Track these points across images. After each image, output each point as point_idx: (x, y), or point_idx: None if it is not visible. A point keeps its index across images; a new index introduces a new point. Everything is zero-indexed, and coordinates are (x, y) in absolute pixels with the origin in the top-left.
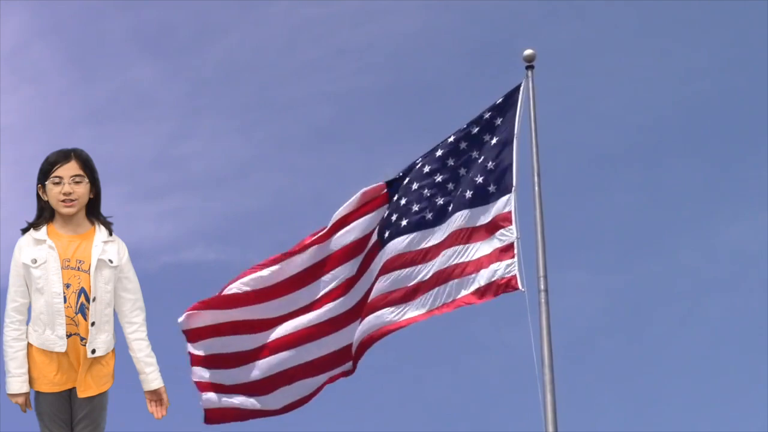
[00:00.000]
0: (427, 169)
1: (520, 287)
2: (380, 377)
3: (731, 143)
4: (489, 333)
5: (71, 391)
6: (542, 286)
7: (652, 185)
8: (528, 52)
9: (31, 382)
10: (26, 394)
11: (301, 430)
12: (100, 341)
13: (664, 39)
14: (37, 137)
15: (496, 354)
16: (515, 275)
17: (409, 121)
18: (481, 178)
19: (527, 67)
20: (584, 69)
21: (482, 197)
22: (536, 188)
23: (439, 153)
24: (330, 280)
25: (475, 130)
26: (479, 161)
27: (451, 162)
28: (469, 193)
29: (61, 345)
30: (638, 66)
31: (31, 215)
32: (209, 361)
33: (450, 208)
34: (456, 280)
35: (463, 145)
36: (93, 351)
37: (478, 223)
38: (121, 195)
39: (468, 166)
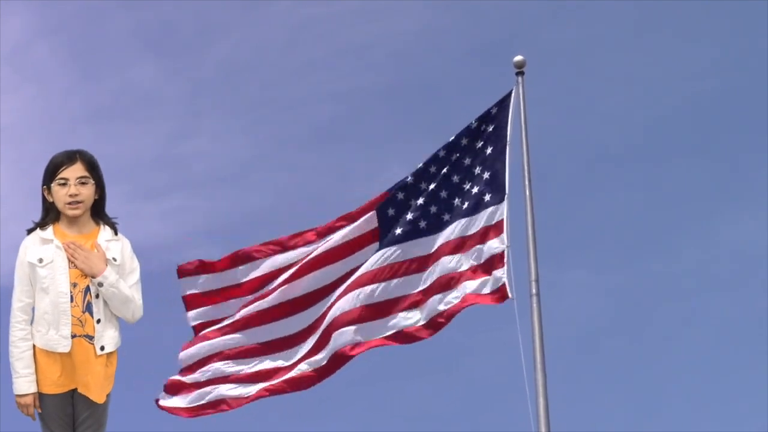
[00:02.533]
0: (422, 184)
1: (509, 296)
2: (378, 380)
3: (733, 142)
4: (484, 334)
5: (73, 392)
6: (534, 291)
7: (653, 184)
8: (518, 58)
9: None
10: (34, 394)
11: (300, 430)
12: (108, 337)
13: (664, 38)
14: (39, 137)
15: (490, 356)
16: (505, 283)
17: (410, 121)
18: (477, 188)
19: (517, 74)
20: (585, 68)
21: (479, 207)
22: (527, 192)
23: (432, 168)
24: (320, 279)
25: (466, 141)
26: (475, 171)
27: (444, 171)
28: (467, 204)
29: (64, 345)
30: (639, 65)
31: (32, 215)
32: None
33: (446, 218)
34: (445, 293)
35: (455, 156)
36: (102, 348)
37: (471, 232)
38: (123, 194)
39: (463, 176)
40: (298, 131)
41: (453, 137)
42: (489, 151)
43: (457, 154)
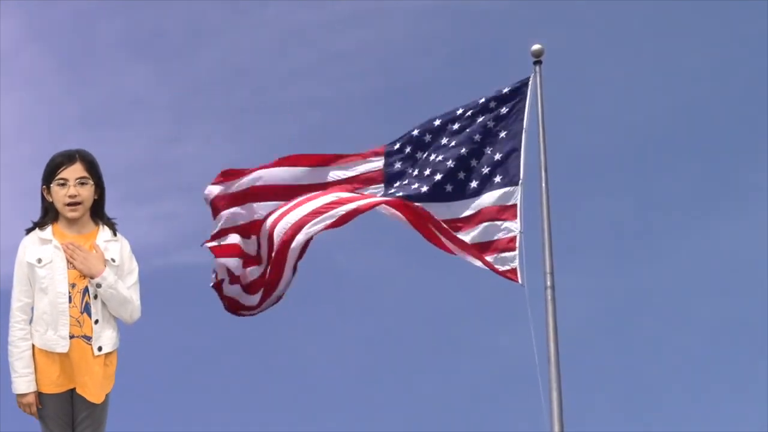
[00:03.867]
0: (433, 154)
1: (519, 281)
2: (378, 379)
3: (730, 146)
4: (486, 336)
5: (72, 392)
6: (548, 283)
7: (648, 188)
8: (536, 47)
9: None
10: (34, 394)
11: (300, 430)
12: (106, 337)
13: (659, 40)
14: (31, 140)
15: (495, 357)
16: (515, 268)
17: (400, 126)
18: (488, 168)
19: (535, 62)
20: (578, 70)
21: (487, 186)
22: (543, 184)
23: (447, 141)
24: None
25: (480, 118)
26: (487, 152)
27: (459, 149)
28: (475, 183)
29: (63, 345)
30: (635, 67)
31: (24, 218)
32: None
33: (450, 190)
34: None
35: (469, 132)
36: (99, 348)
37: (479, 209)
38: (114, 198)
39: (475, 155)
40: (287, 137)
41: (460, 110)
42: (503, 135)
43: (467, 129)
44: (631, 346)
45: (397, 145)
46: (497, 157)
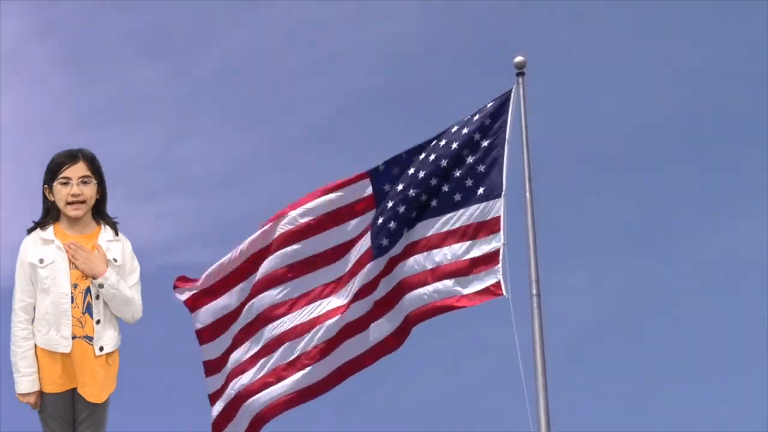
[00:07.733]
0: (418, 172)
1: (503, 293)
2: (378, 379)
3: (729, 146)
4: (483, 335)
5: (74, 391)
6: (534, 291)
7: (650, 188)
8: (518, 59)
9: None
10: (37, 393)
11: (300, 430)
12: (107, 338)
13: (659, 40)
14: (36, 138)
15: (488, 357)
16: (499, 281)
17: (405, 123)
18: (471, 180)
19: (518, 74)
20: (581, 71)
21: (470, 200)
22: (527, 193)
23: (431, 156)
24: (320, 277)
25: (465, 131)
26: (469, 162)
27: (441, 162)
28: (458, 196)
29: (65, 345)
30: (636, 68)
31: (29, 216)
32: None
33: (435, 205)
34: (437, 284)
35: (454, 145)
36: (101, 348)
37: (461, 225)
38: (119, 196)
39: (458, 166)
40: (293, 134)
41: (454, 128)
42: (485, 144)
43: (455, 144)
44: (632, 346)
45: (383, 167)
46: (480, 168)
